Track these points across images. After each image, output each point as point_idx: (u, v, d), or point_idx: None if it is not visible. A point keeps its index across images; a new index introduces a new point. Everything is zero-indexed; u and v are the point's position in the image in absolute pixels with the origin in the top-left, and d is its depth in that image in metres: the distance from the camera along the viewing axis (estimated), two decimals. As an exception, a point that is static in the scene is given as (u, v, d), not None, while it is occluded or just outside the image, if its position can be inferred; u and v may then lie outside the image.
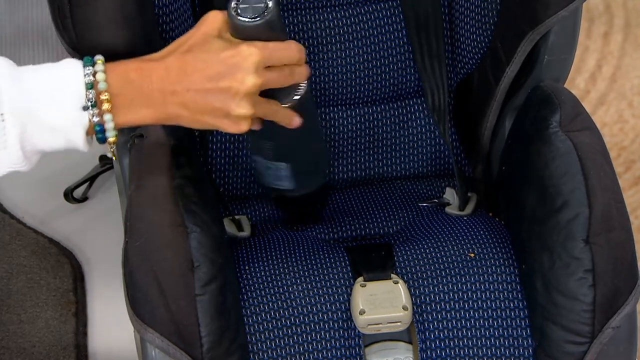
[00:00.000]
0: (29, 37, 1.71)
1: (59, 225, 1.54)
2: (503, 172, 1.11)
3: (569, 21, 1.04)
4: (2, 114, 0.80)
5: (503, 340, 1.00)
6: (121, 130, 0.87)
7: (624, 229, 0.95)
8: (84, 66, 0.83)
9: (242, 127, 0.86)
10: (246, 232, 1.13)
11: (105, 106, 0.82)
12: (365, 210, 1.16)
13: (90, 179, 1.59)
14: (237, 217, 1.15)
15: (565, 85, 1.08)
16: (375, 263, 1.04)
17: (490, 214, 1.14)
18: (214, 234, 0.93)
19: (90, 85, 0.82)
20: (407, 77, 1.20)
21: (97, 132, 0.83)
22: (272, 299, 1.00)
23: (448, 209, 1.16)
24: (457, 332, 1.00)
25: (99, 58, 0.84)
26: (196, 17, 1.12)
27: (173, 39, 1.03)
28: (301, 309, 1.00)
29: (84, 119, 0.82)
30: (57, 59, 0.85)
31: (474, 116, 1.15)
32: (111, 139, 0.85)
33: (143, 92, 0.83)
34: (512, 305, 1.01)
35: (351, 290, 1.01)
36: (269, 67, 0.86)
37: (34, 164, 0.85)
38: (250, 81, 0.83)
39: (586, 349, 0.94)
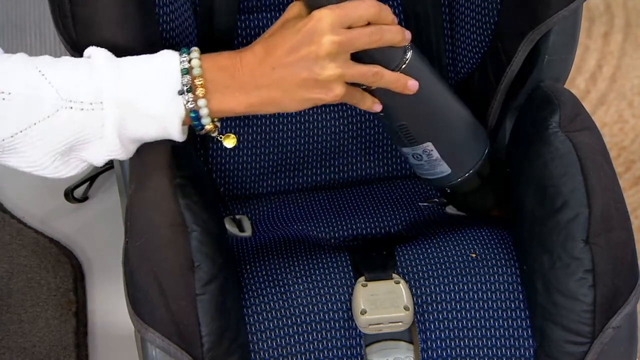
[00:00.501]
0: (26, 32, 1.70)
1: (59, 225, 1.54)
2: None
3: (569, 21, 1.04)
4: (101, 103, 0.82)
5: (504, 341, 1.00)
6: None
7: (624, 228, 0.95)
8: (181, 54, 0.85)
9: (337, 91, 0.85)
10: (247, 232, 1.13)
11: (200, 91, 0.84)
12: (366, 209, 1.16)
13: (91, 179, 1.59)
14: (237, 216, 1.15)
15: (566, 85, 1.08)
16: (376, 263, 1.04)
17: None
18: (215, 234, 0.93)
19: (186, 71, 0.84)
20: (408, 77, 1.20)
21: (192, 118, 0.85)
22: (273, 298, 1.00)
23: (448, 209, 1.16)
24: (458, 332, 1.00)
25: (195, 49, 0.86)
26: (196, 16, 1.12)
27: (173, 38, 1.03)
28: (302, 309, 1.00)
29: (180, 108, 0.84)
30: (53, 55, 0.86)
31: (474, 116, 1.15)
32: (208, 126, 0.86)
33: (235, 79, 0.85)
34: (513, 305, 1.01)
35: (352, 289, 1.01)
36: (351, 27, 0.85)
37: (131, 153, 0.88)
38: (328, 41, 0.83)
39: (587, 349, 0.94)
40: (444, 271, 1.03)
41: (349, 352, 1.00)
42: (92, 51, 0.86)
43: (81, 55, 0.89)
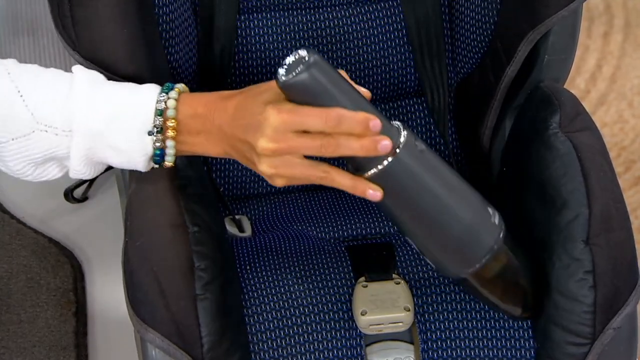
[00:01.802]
0: (18, 31, 1.70)
1: (59, 225, 1.54)
2: (503, 172, 1.11)
3: (569, 21, 1.04)
4: (71, 131, 0.83)
5: (505, 342, 1.00)
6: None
7: (624, 229, 0.95)
8: (161, 92, 0.85)
9: (275, 183, 0.82)
10: (247, 232, 1.13)
11: (170, 133, 0.84)
12: (366, 209, 1.16)
13: (90, 179, 1.59)
14: (237, 216, 1.15)
15: (565, 86, 1.08)
16: (376, 263, 1.04)
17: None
18: (215, 234, 0.93)
19: (160, 112, 0.84)
20: (407, 77, 1.20)
21: (156, 155, 0.85)
22: (273, 298, 1.00)
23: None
24: (458, 332, 1.00)
25: (179, 86, 0.86)
26: (196, 16, 1.12)
27: (173, 38, 1.03)
28: (302, 309, 1.00)
29: (147, 146, 0.84)
30: (45, 54, 0.86)
31: (474, 116, 1.15)
32: (168, 164, 0.86)
33: (206, 127, 0.84)
34: (513, 305, 1.01)
35: (352, 290, 1.01)
36: (305, 132, 0.78)
37: (99, 172, 0.89)
38: (262, 144, 0.79)
39: (587, 350, 0.94)
40: (444, 271, 1.03)
41: (349, 353, 1.00)
42: (76, 72, 0.86)
43: (81, 55, 0.89)
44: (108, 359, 1.38)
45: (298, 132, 0.78)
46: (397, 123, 0.82)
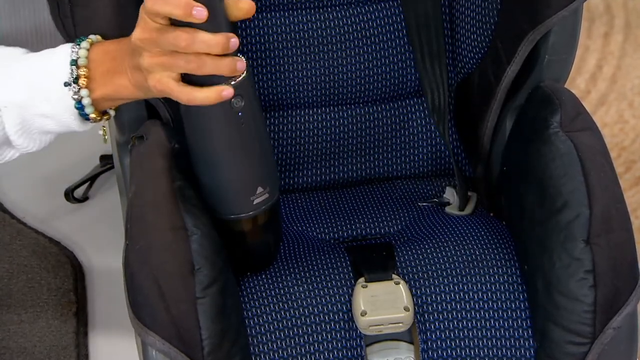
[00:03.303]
0: (23, 36, 1.70)
1: (59, 225, 1.54)
2: (504, 172, 1.11)
3: (569, 21, 1.04)
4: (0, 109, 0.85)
5: (504, 341, 1.00)
6: (104, 113, 0.89)
7: (625, 229, 0.95)
8: (73, 45, 0.87)
9: (159, 81, 0.81)
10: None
11: (83, 81, 0.86)
12: (365, 209, 1.16)
13: (91, 179, 1.59)
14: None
15: (566, 86, 1.08)
16: (376, 263, 1.04)
17: (492, 214, 1.14)
18: (215, 237, 0.93)
19: (74, 62, 0.86)
20: (407, 77, 1.20)
21: (78, 109, 0.86)
22: (273, 300, 1.00)
23: (448, 209, 1.16)
24: (458, 332, 1.00)
25: (91, 37, 0.88)
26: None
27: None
28: (302, 310, 1.00)
29: (69, 103, 0.86)
30: (44, 27, 0.88)
31: (474, 116, 1.15)
32: (92, 115, 0.88)
33: (118, 68, 0.85)
34: (513, 305, 1.01)
35: (352, 290, 1.01)
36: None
37: (47, 143, 0.91)
38: (135, 35, 0.81)
39: (587, 350, 0.94)
40: (444, 271, 1.03)
41: (349, 353, 1.00)
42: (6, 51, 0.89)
43: None
44: (108, 359, 1.38)
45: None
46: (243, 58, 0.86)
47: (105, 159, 1.59)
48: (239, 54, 0.85)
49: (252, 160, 0.92)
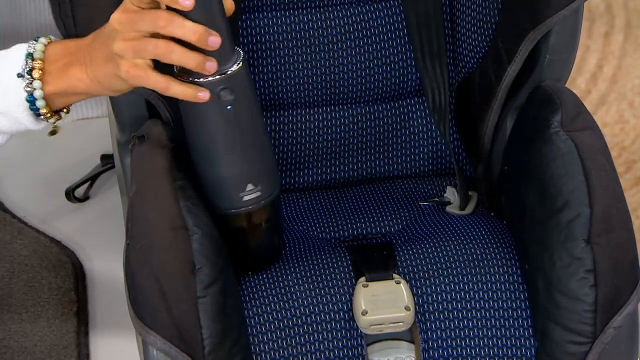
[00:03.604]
0: (24, 35, 1.70)
1: (60, 225, 1.54)
2: (504, 171, 1.11)
3: (570, 21, 1.04)
4: None
5: (505, 341, 1.00)
6: (57, 113, 0.89)
7: (625, 229, 0.95)
8: (30, 42, 0.87)
9: (133, 70, 0.82)
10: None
11: (36, 74, 0.86)
12: (366, 209, 1.16)
13: (92, 179, 1.59)
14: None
15: (566, 85, 1.08)
16: (377, 263, 1.04)
17: (492, 214, 1.14)
18: (215, 236, 0.93)
19: (30, 55, 0.86)
20: (408, 77, 1.20)
21: (29, 102, 0.86)
22: (273, 299, 1.00)
23: (448, 209, 1.16)
24: (459, 331, 1.00)
25: (50, 37, 0.88)
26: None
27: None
28: (303, 310, 1.00)
29: (22, 95, 0.86)
30: (43, 15, 0.88)
31: (475, 116, 1.15)
32: (42, 109, 0.87)
33: (74, 60, 0.86)
34: (514, 305, 1.01)
35: (353, 290, 1.01)
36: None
37: (2, 143, 0.91)
38: (114, 16, 0.81)
39: (588, 349, 0.94)
40: (445, 271, 1.03)
41: (350, 353, 1.00)
42: None
43: None
44: (109, 359, 1.38)
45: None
46: (240, 52, 0.86)
47: (106, 159, 1.59)
48: (239, 50, 0.85)
49: (242, 155, 0.91)
